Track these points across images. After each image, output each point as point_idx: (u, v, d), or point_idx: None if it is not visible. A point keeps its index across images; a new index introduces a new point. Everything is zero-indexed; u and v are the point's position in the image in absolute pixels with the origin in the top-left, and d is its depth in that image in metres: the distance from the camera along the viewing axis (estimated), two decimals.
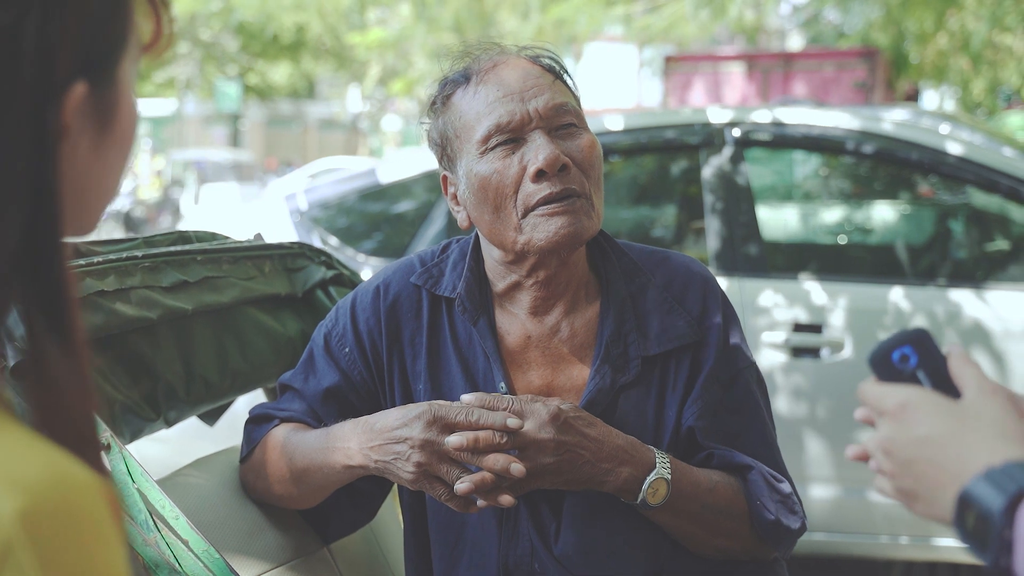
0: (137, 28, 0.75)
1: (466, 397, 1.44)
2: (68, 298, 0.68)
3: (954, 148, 3.52)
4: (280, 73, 29.36)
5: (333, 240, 3.81)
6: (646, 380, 1.57)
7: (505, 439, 1.40)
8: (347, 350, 1.62)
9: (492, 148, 1.49)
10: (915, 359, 0.89)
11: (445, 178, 1.60)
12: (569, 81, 1.57)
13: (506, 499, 1.40)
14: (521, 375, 1.58)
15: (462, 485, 1.39)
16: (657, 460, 1.47)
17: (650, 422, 1.55)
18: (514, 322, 1.59)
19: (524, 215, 1.49)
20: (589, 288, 1.61)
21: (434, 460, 1.40)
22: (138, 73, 0.78)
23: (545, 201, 1.47)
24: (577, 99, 1.57)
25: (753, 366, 1.63)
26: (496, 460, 1.38)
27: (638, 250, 1.65)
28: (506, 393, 1.54)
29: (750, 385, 1.62)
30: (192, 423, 1.95)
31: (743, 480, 1.57)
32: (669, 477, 1.46)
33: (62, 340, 0.67)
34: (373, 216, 4.00)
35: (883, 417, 0.88)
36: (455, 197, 1.58)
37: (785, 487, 1.58)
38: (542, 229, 1.48)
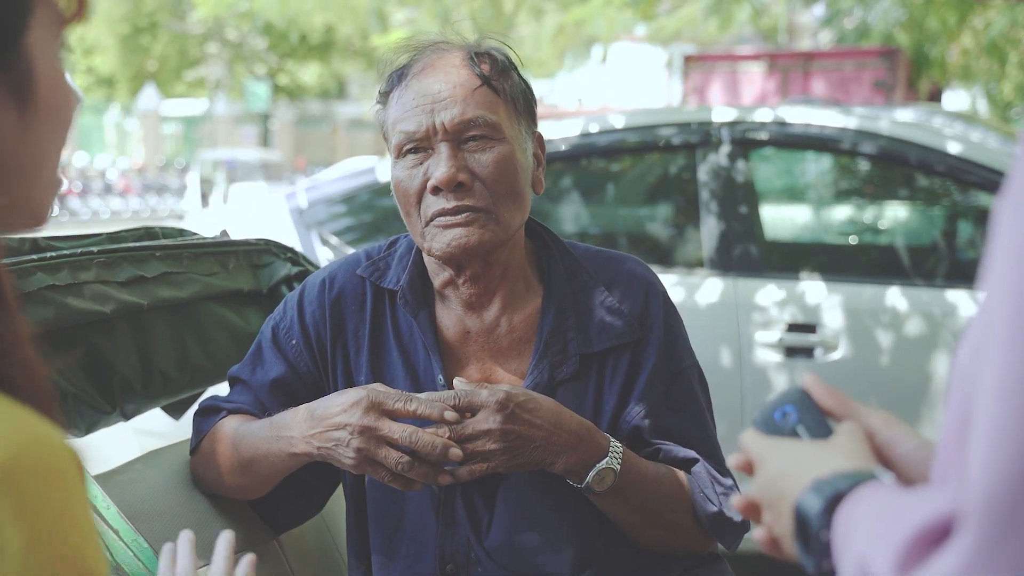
0: (48, 2, 0.73)
1: (420, 397, 1.45)
2: None
3: (955, 148, 3.48)
4: (310, 73, 29.55)
5: (333, 238, 3.82)
6: (584, 376, 1.59)
7: (444, 430, 1.42)
8: (294, 342, 1.65)
9: (404, 155, 1.54)
10: (795, 416, 0.93)
11: None
12: (504, 85, 1.55)
13: (444, 478, 1.43)
14: (460, 369, 1.60)
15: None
16: (610, 449, 1.49)
17: (588, 416, 1.56)
18: (453, 317, 1.62)
19: (426, 224, 1.53)
20: (529, 283, 1.63)
21: (372, 445, 1.42)
22: (62, 45, 0.76)
23: (440, 215, 1.51)
24: (514, 102, 1.55)
25: (695, 366, 1.65)
26: (434, 446, 1.40)
27: (582, 250, 1.67)
28: (443, 387, 1.56)
29: (692, 384, 1.64)
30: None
31: (687, 473, 1.58)
32: (618, 468, 1.48)
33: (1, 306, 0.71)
34: (373, 214, 4.02)
35: (754, 470, 0.92)
36: None
37: (728, 480, 1.60)
38: (439, 239, 1.52)
